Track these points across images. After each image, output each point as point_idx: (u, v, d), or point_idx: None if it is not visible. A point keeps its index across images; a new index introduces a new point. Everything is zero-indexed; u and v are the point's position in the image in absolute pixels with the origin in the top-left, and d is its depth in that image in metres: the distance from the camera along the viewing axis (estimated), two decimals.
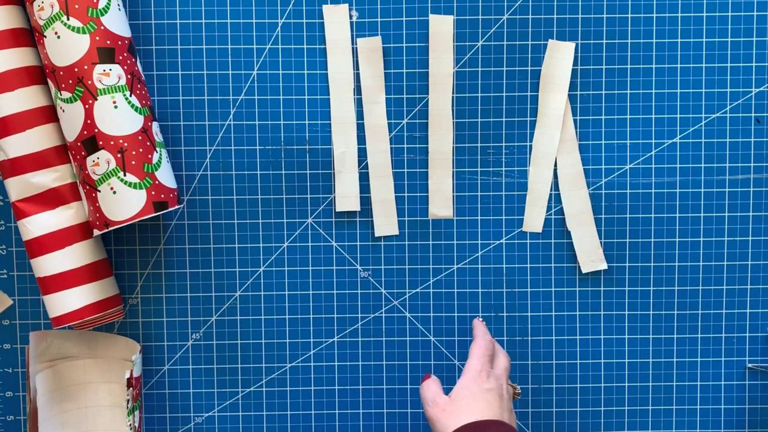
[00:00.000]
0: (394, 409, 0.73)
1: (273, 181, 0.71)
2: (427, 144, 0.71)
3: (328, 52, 0.70)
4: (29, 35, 0.66)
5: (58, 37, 0.62)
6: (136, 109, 0.64)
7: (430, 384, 0.64)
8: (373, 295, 0.72)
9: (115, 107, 0.63)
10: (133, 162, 0.63)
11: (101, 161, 0.63)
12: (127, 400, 0.67)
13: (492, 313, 0.72)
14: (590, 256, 0.72)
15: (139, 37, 0.70)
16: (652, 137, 0.71)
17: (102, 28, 0.63)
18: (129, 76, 0.64)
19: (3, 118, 0.65)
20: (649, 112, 0.71)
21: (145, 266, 0.72)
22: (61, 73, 0.63)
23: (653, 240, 0.72)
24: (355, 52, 0.70)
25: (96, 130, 0.63)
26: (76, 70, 0.63)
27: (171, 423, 0.73)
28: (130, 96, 0.64)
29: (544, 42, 0.70)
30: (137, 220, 0.63)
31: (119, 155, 0.63)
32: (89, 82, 0.63)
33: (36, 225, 0.66)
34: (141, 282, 0.72)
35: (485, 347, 0.64)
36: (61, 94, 0.64)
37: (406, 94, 0.71)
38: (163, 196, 0.65)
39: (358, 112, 0.71)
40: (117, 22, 0.64)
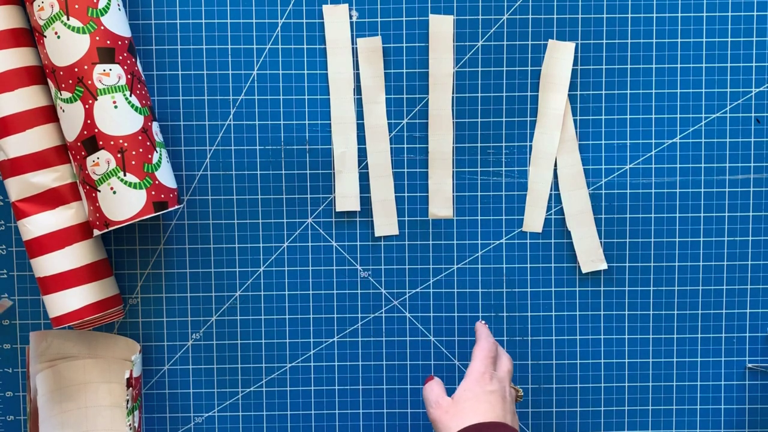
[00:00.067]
0: (394, 409, 0.73)
1: (273, 181, 0.71)
2: (427, 144, 0.71)
3: (328, 52, 0.70)
4: (29, 35, 0.66)
5: (58, 37, 0.62)
6: (136, 109, 0.64)
7: (433, 386, 0.64)
8: (373, 295, 0.72)
9: (115, 107, 0.63)
10: (133, 162, 0.63)
11: (101, 161, 0.63)
12: (127, 400, 0.67)
13: (492, 313, 0.72)
14: (590, 256, 0.72)
15: (139, 37, 0.70)
16: (652, 137, 0.71)
17: (102, 28, 0.63)
18: (129, 76, 0.64)
19: (3, 118, 0.65)
20: (649, 112, 0.71)
21: (145, 266, 0.72)
22: (61, 73, 0.63)
23: (653, 240, 0.72)
24: (355, 52, 0.70)
25: (96, 130, 0.63)
26: (76, 70, 0.63)
27: (171, 423, 0.73)
28: (130, 96, 0.64)
29: (544, 42, 0.70)
30: (137, 220, 0.63)
31: (119, 155, 0.63)
32: (89, 82, 0.63)
33: (36, 225, 0.66)
34: (141, 282, 0.72)
35: (488, 349, 0.64)
36: (61, 94, 0.64)
37: (406, 94, 0.71)
38: (163, 196, 0.65)
39: (358, 112, 0.71)
40: (117, 22, 0.64)
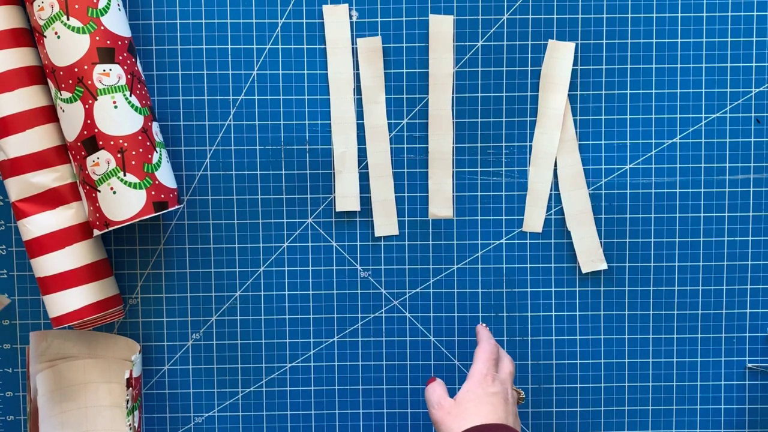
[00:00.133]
0: (394, 409, 0.73)
1: (273, 181, 0.71)
2: (427, 144, 0.71)
3: (328, 52, 0.70)
4: (29, 35, 0.66)
5: (58, 37, 0.62)
6: (136, 109, 0.64)
7: (435, 387, 0.64)
8: (373, 295, 0.72)
9: (115, 107, 0.63)
10: (133, 162, 0.63)
11: (101, 161, 0.63)
12: (127, 400, 0.67)
13: (492, 313, 0.72)
14: (590, 256, 0.72)
15: (139, 37, 0.70)
16: (652, 137, 0.71)
17: (102, 28, 0.63)
18: (129, 76, 0.64)
19: (3, 118, 0.65)
20: (649, 112, 0.71)
21: (145, 266, 0.72)
22: (61, 73, 0.63)
23: (653, 240, 0.72)
24: (355, 52, 0.70)
25: (96, 130, 0.63)
26: (76, 70, 0.63)
27: (171, 423, 0.73)
28: (130, 96, 0.64)
29: (544, 42, 0.70)
30: (137, 220, 0.63)
31: (119, 155, 0.63)
32: (89, 82, 0.63)
33: (36, 225, 0.66)
34: (141, 282, 0.72)
35: (490, 351, 0.64)
36: (61, 94, 0.64)
37: (406, 94, 0.71)
38: (163, 196, 0.65)
39: (358, 112, 0.71)
40: (117, 22, 0.64)
